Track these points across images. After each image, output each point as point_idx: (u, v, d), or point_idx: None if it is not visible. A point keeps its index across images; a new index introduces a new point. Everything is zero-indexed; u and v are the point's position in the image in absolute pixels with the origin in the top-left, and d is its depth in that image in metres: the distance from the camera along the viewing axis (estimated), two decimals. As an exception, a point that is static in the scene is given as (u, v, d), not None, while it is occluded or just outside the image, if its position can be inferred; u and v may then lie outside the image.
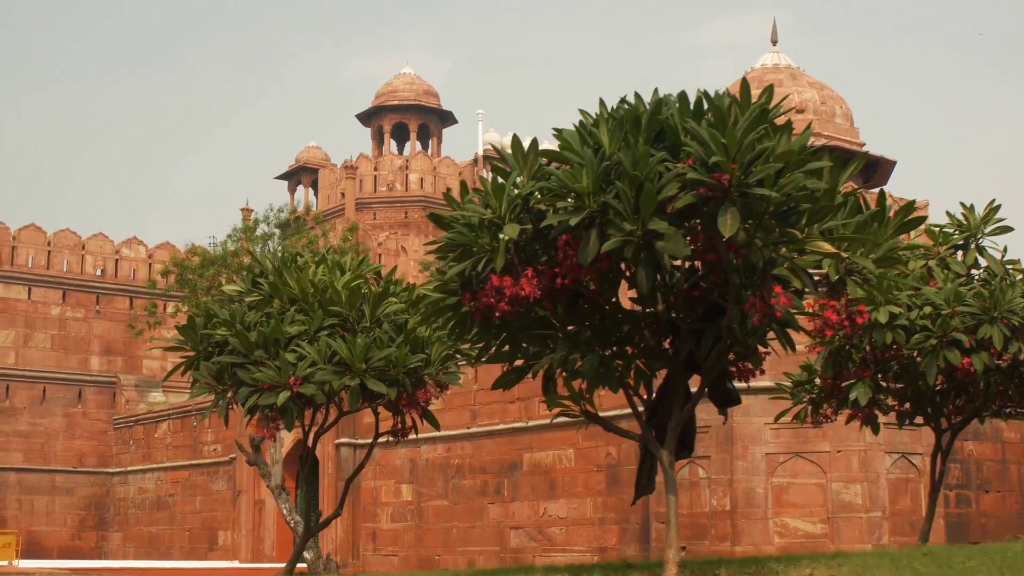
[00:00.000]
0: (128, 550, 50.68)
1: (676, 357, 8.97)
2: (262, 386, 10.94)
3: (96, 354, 52.98)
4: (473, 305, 8.39)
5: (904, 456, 28.71)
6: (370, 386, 10.86)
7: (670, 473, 8.92)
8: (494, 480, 36.23)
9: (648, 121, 7.91)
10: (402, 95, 53.17)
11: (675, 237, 7.50)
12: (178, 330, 11.78)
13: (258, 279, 11.89)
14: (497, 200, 8.15)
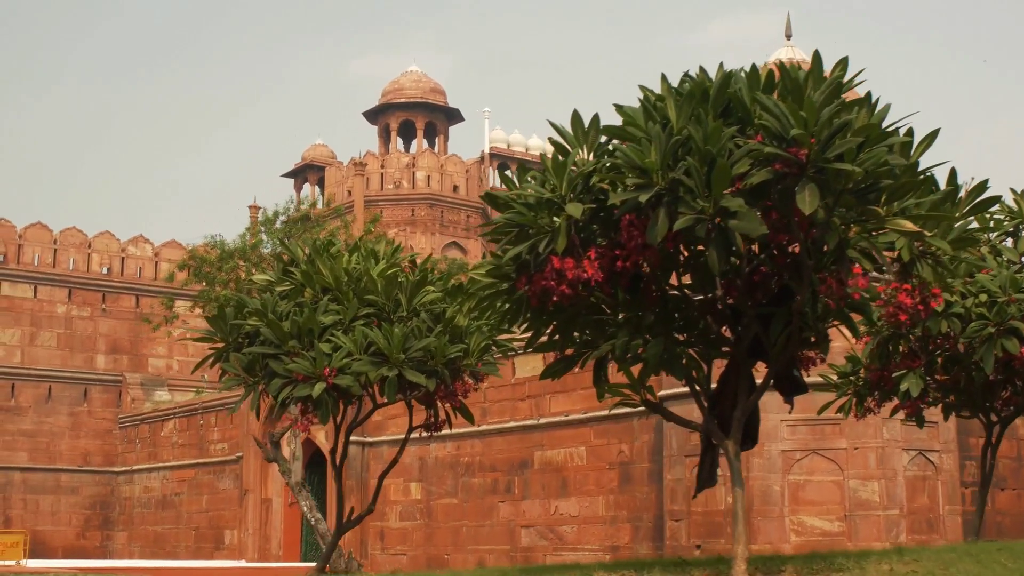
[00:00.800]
0: (133, 549, 50.19)
1: (739, 344, 8.51)
2: (296, 377, 10.48)
3: (102, 353, 52.49)
4: (529, 289, 7.94)
5: (921, 453, 28.24)
6: (409, 377, 10.40)
7: (736, 465, 8.46)
8: (504, 478, 35.76)
9: (716, 95, 7.47)
10: (409, 92, 52.70)
11: (750, 215, 7.06)
12: (207, 320, 11.31)
13: (289, 268, 11.43)
14: (558, 178, 7.70)
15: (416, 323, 10.60)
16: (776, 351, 8.32)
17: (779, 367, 8.54)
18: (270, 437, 17.86)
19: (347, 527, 12.70)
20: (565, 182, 7.68)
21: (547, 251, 7.64)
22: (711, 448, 9.21)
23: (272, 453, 17.30)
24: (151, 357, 53.57)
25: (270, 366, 10.62)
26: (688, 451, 29.10)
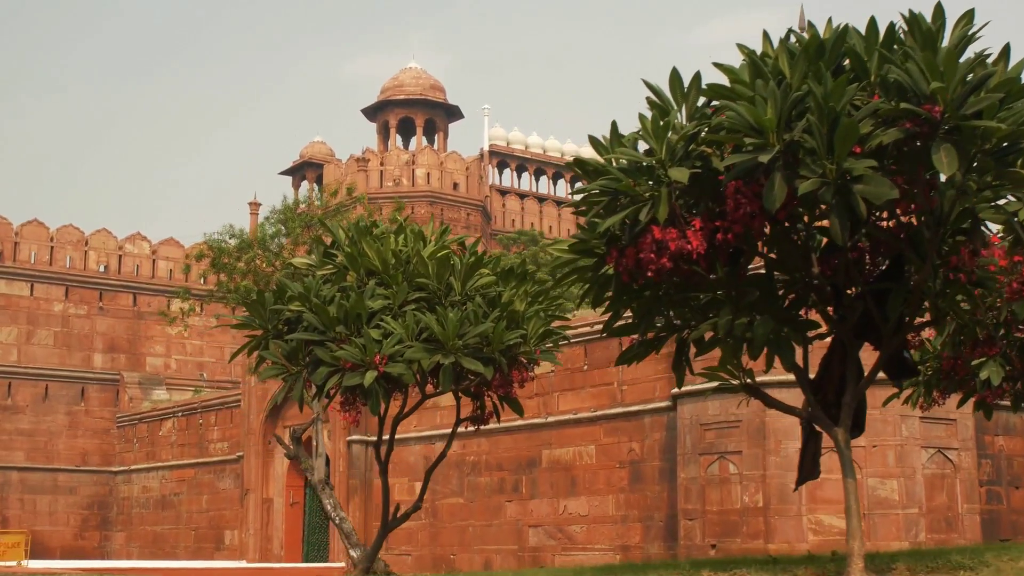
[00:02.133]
0: (132, 550, 49.36)
1: (844, 323, 7.76)
2: (343, 365, 9.70)
3: (99, 351, 51.67)
4: (621, 264, 7.19)
5: (940, 451, 27.58)
6: (466, 365, 9.62)
7: (847, 454, 7.72)
8: (511, 477, 35.05)
9: (833, 49, 6.73)
10: (408, 89, 51.94)
11: (878, 179, 6.32)
12: (245, 306, 10.51)
13: (331, 251, 10.66)
14: (657, 141, 6.96)
15: (471, 308, 9.83)
16: (889, 330, 7.57)
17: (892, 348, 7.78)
18: (292, 433, 17.05)
19: (394, 525, 11.90)
20: (665, 146, 6.94)
21: (646, 221, 6.90)
22: (814, 437, 8.46)
23: (294, 450, 16.50)
24: (149, 356, 52.76)
25: (315, 354, 9.85)
26: (702, 449, 28.45)
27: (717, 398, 28.16)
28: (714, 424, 28.24)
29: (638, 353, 8.30)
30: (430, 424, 37.66)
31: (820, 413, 7.89)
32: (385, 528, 11.70)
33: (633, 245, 7.07)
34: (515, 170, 55.59)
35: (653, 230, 6.90)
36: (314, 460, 17.76)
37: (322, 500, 16.28)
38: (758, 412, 27.36)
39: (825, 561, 9.59)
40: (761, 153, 6.44)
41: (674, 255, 6.86)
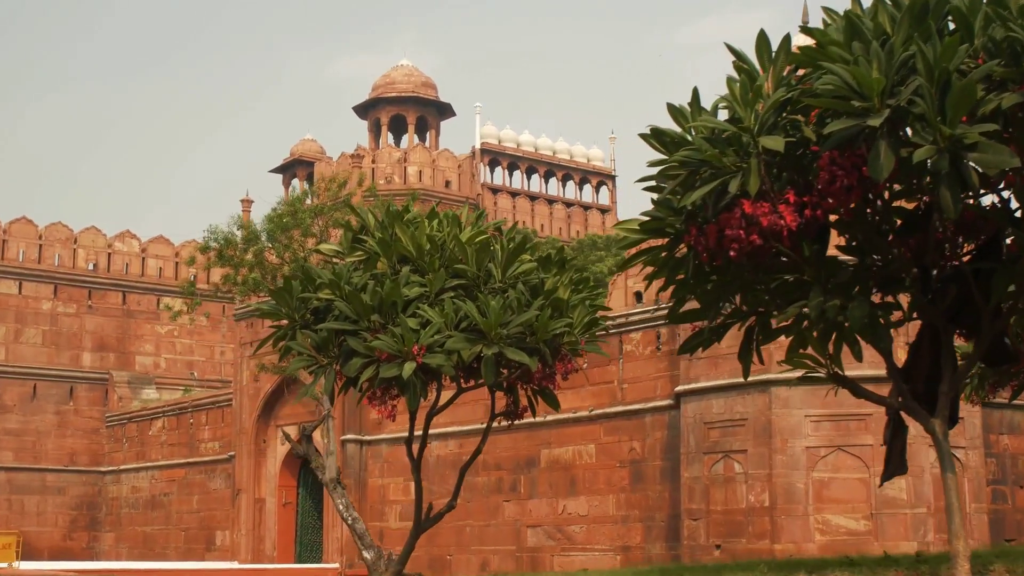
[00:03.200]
0: (121, 551, 48.63)
1: (935, 307, 7.17)
2: (379, 356, 9.08)
3: (88, 350, 50.93)
4: (701, 241, 6.59)
5: (948, 450, 26.97)
6: (510, 355, 9.01)
7: (945, 447, 7.12)
8: (510, 477, 34.46)
9: (936, 9, 6.16)
10: (400, 87, 51.21)
11: (996, 147, 5.76)
12: (270, 294, 9.87)
13: (360, 236, 10.03)
14: (745, 108, 6.37)
15: (514, 296, 9.22)
16: (989, 314, 6.99)
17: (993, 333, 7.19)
18: (302, 430, 16.45)
19: (426, 525, 11.32)
20: (753, 113, 6.35)
21: (732, 195, 6.31)
22: (901, 430, 7.86)
23: (304, 448, 15.89)
24: (138, 355, 52.04)
25: (348, 344, 9.22)
26: (706, 448, 27.92)
27: (721, 396, 27.65)
28: (718, 422, 27.71)
29: (707, 340, 7.70)
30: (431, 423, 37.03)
31: (915, 404, 7.31)
32: (418, 528, 11.13)
33: (715, 222, 6.48)
34: (507, 168, 54.97)
35: (743, 204, 6.31)
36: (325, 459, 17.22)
37: (334, 500, 15.68)
38: (764, 410, 26.85)
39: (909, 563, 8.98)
40: (868, 118, 5.86)
41: (764, 232, 6.28)
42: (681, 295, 7.30)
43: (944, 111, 5.77)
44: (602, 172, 56.90)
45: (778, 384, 26.77)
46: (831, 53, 6.21)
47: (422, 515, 10.96)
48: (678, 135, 6.62)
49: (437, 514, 11.08)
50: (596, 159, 56.96)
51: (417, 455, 10.69)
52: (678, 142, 6.56)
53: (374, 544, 14.95)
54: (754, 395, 27.13)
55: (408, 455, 10.95)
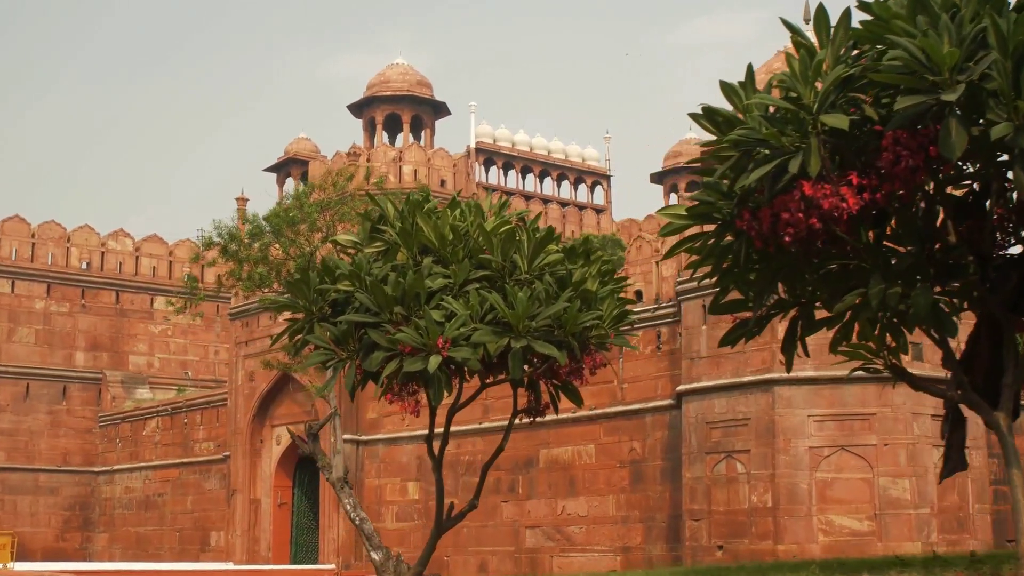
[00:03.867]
0: (114, 551, 48.15)
1: (995, 296, 6.82)
2: (402, 350, 8.72)
3: (81, 350, 50.42)
4: (754, 226, 6.24)
5: (951, 450, 26.68)
6: (538, 348, 8.66)
7: (1010, 441, 6.77)
8: (508, 477, 34.10)
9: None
10: (395, 85, 50.73)
11: (1074, 124, 5.43)
12: (287, 286, 9.50)
13: (379, 227, 9.67)
14: (805, 85, 6.03)
15: (541, 287, 8.86)
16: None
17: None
18: (308, 428, 16.05)
19: (448, 525, 10.96)
20: (813, 91, 6.01)
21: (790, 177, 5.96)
22: (960, 424, 7.50)
23: (310, 447, 15.50)
24: (132, 354, 51.54)
25: (369, 337, 8.86)
26: (709, 448, 27.63)
27: (723, 396, 27.36)
28: (720, 422, 27.41)
29: (750, 331, 7.34)
30: (422, 423, 36.66)
31: (976, 397, 6.96)
32: (439, 529, 10.75)
33: (769, 206, 6.14)
34: (502, 168, 54.60)
35: (803, 186, 5.97)
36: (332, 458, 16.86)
37: (341, 499, 15.29)
38: (766, 410, 26.57)
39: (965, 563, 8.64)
40: (941, 93, 5.53)
41: (824, 215, 5.94)
42: (726, 283, 6.95)
43: (1019, 87, 5.44)
44: (597, 172, 56.56)
45: (781, 384, 26.51)
46: (896, 28, 5.87)
47: (443, 515, 10.49)
48: (731, 115, 6.27)
49: (458, 514, 10.74)
50: (591, 159, 56.62)
51: (439, 453, 10.32)
52: (731, 122, 6.21)
53: (382, 545, 14.58)
54: (757, 395, 26.85)
55: (429, 453, 10.61)
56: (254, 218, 26.19)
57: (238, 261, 25.63)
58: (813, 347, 8.02)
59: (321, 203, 26.66)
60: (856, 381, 26.32)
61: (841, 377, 26.24)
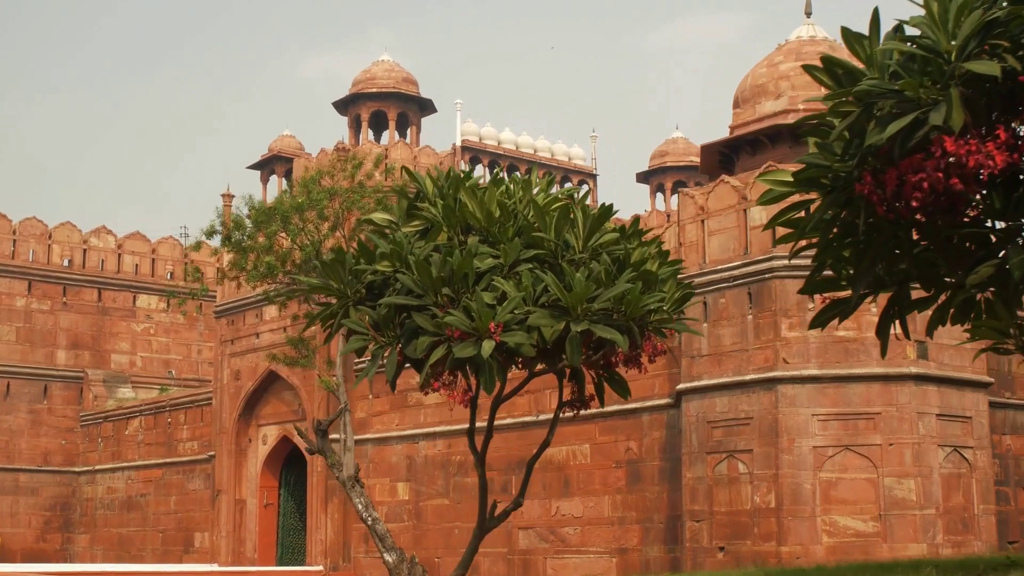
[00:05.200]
0: (96, 552, 47.23)
1: None
2: (450, 335, 8.00)
3: (63, 348, 49.47)
4: (878, 192, 5.55)
5: (956, 449, 26.24)
6: (598, 333, 7.94)
7: None
8: (500, 478, 33.36)
9: None
10: (381, 82, 49.98)
11: None
12: (321, 266, 8.77)
13: (417, 204, 8.96)
14: (945, 31, 5.34)
15: (600, 268, 8.16)
16: None
17: None
18: (316, 425, 15.29)
19: (491, 525, 10.24)
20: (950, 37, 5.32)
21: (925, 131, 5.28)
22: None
23: (318, 444, 14.78)
24: (114, 353, 50.63)
25: (414, 321, 8.14)
26: (710, 448, 26.98)
27: (725, 394, 26.73)
28: (722, 421, 26.77)
29: (846, 311, 6.65)
30: (413, 423, 36.00)
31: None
32: (482, 529, 10.03)
33: (895, 166, 5.45)
34: (488, 166, 53.90)
35: (944, 142, 5.29)
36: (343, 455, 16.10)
37: (352, 499, 14.53)
38: (770, 409, 25.96)
39: None
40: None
41: (967, 175, 5.27)
42: (825, 258, 6.26)
43: None
44: (583, 170, 55.91)
45: (784, 382, 25.91)
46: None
47: (486, 514, 9.77)
48: (852, 66, 5.57)
49: (502, 513, 9.98)
50: (577, 157, 55.99)
51: (482, 449, 9.58)
52: (853, 74, 5.52)
53: (396, 546, 13.87)
54: (759, 393, 26.23)
55: (471, 448, 9.86)
56: (261, 204, 25.37)
57: (242, 251, 24.72)
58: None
59: (330, 190, 25.88)
60: (860, 380, 25.79)
61: (845, 375, 25.72)
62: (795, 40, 29.61)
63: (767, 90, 28.86)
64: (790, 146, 28.42)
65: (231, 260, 26.50)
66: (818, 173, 5.78)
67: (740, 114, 29.24)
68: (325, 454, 14.90)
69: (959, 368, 26.56)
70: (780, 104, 28.47)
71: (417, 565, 13.67)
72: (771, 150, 28.33)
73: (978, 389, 26.97)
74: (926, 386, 25.81)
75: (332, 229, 25.13)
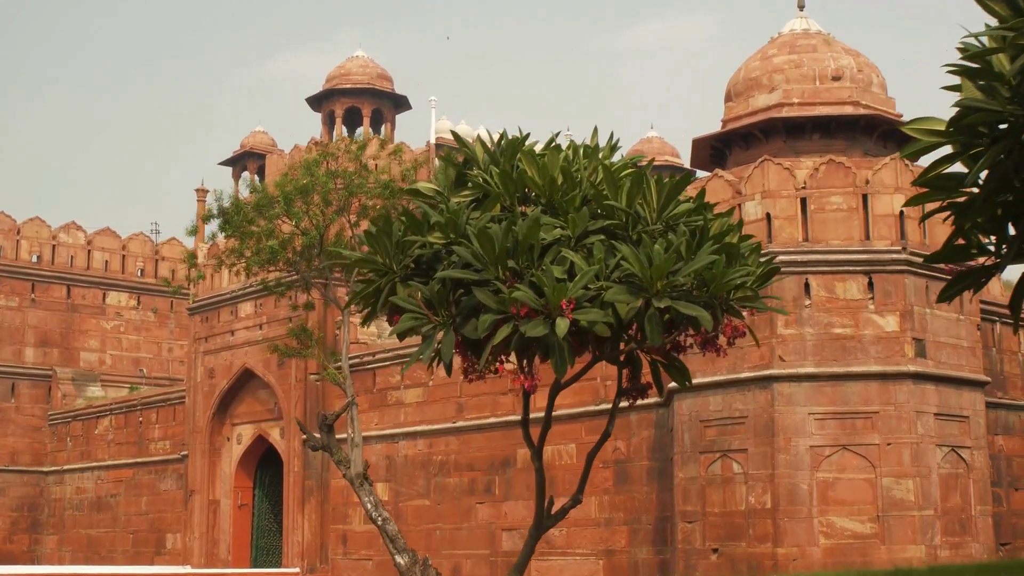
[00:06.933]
0: (64, 554, 46.04)
1: None
2: (515, 313, 7.14)
3: (31, 345, 48.24)
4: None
5: (954, 449, 25.60)
6: (682, 310, 7.09)
7: None
8: (483, 478, 32.53)
9: None
10: (355, 78, 49.10)
11: None
12: (365, 238, 7.86)
13: (466, 172, 8.11)
14: None
15: (679, 240, 7.32)
16: None
17: None
18: (321, 420, 14.37)
19: (549, 524, 9.34)
20: None
21: None
22: None
23: (323, 440, 13.87)
24: (83, 351, 49.43)
25: (474, 297, 7.28)
26: (703, 447, 26.20)
27: (719, 392, 25.97)
28: (716, 420, 26.00)
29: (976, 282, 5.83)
30: (392, 422, 35.09)
31: None
32: (539, 529, 9.11)
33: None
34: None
35: None
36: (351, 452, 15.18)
37: (360, 498, 13.66)
38: (765, 407, 25.23)
39: None
40: None
41: None
42: (970, 220, 5.44)
43: None
44: (559, 169, 55.14)
45: (781, 380, 25.21)
46: None
47: (543, 512, 8.91)
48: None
49: (560, 510, 9.10)
50: (553, 156, 55.21)
51: (539, 441, 8.72)
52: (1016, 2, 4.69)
53: (408, 548, 12.99)
54: (755, 391, 25.48)
55: (526, 440, 9.00)
56: (263, 186, 24.37)
57: (242, 237, 23.64)
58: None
59: (335, 172, 24.93)
60: (858, 378, 25.15)
61: (842, 374, 25.07)
62: (788, 33, 28.92)
63: (760, 83, 28.16)
64: (784, 140, 27.75)
65: (228, 247, 25.41)
66: (982, 118, 4.96)
67: (732, 107, 28.53)
68: (331, 451, 13.99)
69: (957, 367, 25.95)
70: (774, 98, 27.78)
71: (431, 567, 12.82)
72: (765, 144, 27.63)
73: (975, 388, 26.38)
74: (924, 385, 25.18)
75: (337, 213, 24.16)
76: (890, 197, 25.51)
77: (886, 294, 25.16)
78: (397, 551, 12.96)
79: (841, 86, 27.71)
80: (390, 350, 34.88)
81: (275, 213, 23.17)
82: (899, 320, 25.10)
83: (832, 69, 27.82)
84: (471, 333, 7.36)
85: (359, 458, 14.43)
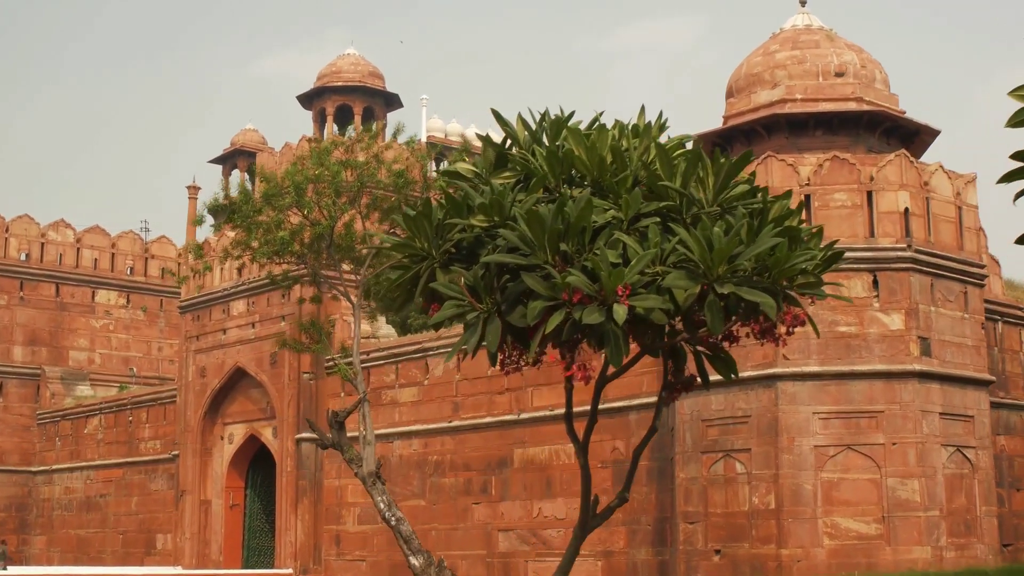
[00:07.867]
0: (52, 555, 45.44)
1: None
2: (568, 299, 6.67)
3: (19, 344, 47.63)
4: None
5: (959, 450, 25.24)
6: (745, 296, 6.64)
7: None
8: (479, 478, 32.05)
9: None
10: (346, 76, 48.57)
11: None
12: (401, 221, 7.38)
13: (507, 152, 7.64)
14: None
15: (739, 223, 6.87)
16: None
17: None
18: (331, 417, 13.89)
19: (596, 523, 8.86)
20: None
21: None
22: None
23: (334, 437, 13.40)
24: (72, 349, 48.82)
25: (522, 282, 6.81)
26: (705, 447, 25.77)
27: (721, 392, 25.54)
28: (718, 420, 25.57)
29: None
30: (387, 421, 34.57)
31: None
32: (584, 528, 8.61)
33: None
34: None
35: None
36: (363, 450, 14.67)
37: (373, 497, 13.17)
38: (769, 407, 24.81)
39: None
40: None
41: None
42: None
43: None
44: (550, 168, 54.78)
45: (784, 379, 24.81)
46: None
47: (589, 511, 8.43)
48: None
49: (606, 509, 8.63)
50: (544, 155, 54.85)
51: (584, 436, 8.25)
52: None
53: (423, 548, 12.52)
54: (758, 391, 25.06)
55: (570, 435, 8.53)
56: (272, 175, 23.84)
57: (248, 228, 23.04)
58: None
59: (346, 163, 24.40)
60: (862, 377, 24.78)
61: (847, 373, 24.69)
62: (790, 29, 28.55)
63: (763, 79, 27.77)
64: (787, 136, 27.38)
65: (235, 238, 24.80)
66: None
67: (734, 103, 28.14)
68: (342, 448, 13.50)
69: (962, 366, 25.59)
70: (776, 94, 27.41)
71: (446, 569, 12.34)
72: (767, 140, 27.24)
73: (980, 387, 26.02)
74: (929, 384, 24.81)
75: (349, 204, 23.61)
76: (895, 194, 25.13)
77: (891, 292, 24.79)
78: (412, 552, 12.49)
79: (844, 82, 27.35)
80: (384, 349, 34.40)
81: (285, 203, 22.58)
82: (904, 319, 24.72)
83: (835, 65, 27.45)
84: (518, 321, 6.88)
85: (371, 456, 13.94)
